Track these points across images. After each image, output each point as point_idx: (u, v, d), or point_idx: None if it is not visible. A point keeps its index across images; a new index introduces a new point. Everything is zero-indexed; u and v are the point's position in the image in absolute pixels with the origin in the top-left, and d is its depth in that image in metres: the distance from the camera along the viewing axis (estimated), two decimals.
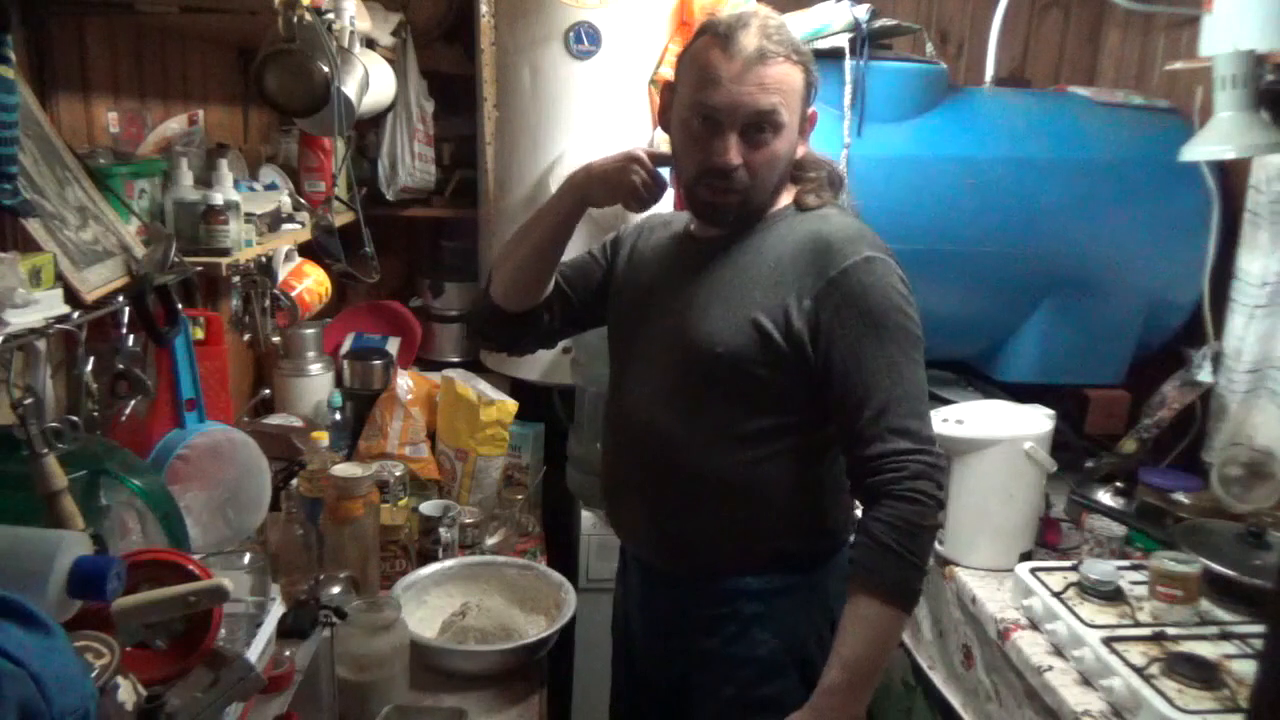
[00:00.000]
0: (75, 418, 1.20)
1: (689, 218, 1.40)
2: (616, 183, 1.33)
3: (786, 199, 1.34)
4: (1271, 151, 1.68)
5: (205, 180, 1.61)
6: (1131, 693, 1.34)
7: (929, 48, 2.31)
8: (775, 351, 1.24)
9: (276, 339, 2.10)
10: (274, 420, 2.07)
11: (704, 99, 1.23)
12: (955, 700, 1.84)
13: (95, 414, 1.31)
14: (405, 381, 2.16)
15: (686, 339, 1.29)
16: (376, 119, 2.26)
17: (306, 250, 2.04)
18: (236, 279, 1.85)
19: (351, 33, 1.78)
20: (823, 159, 1.38)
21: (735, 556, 1.32)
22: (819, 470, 1.32)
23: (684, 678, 1.39)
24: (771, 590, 1.32)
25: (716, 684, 1.35)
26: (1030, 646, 1.55)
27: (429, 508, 1.91)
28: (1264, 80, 1.66)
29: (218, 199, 1.51)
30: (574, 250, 1.46)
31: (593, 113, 2.08)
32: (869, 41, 1.98)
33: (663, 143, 1.48)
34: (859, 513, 1.28)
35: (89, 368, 1.27)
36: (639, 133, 2.08)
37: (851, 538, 1.26)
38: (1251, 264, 1.91)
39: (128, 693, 0.88)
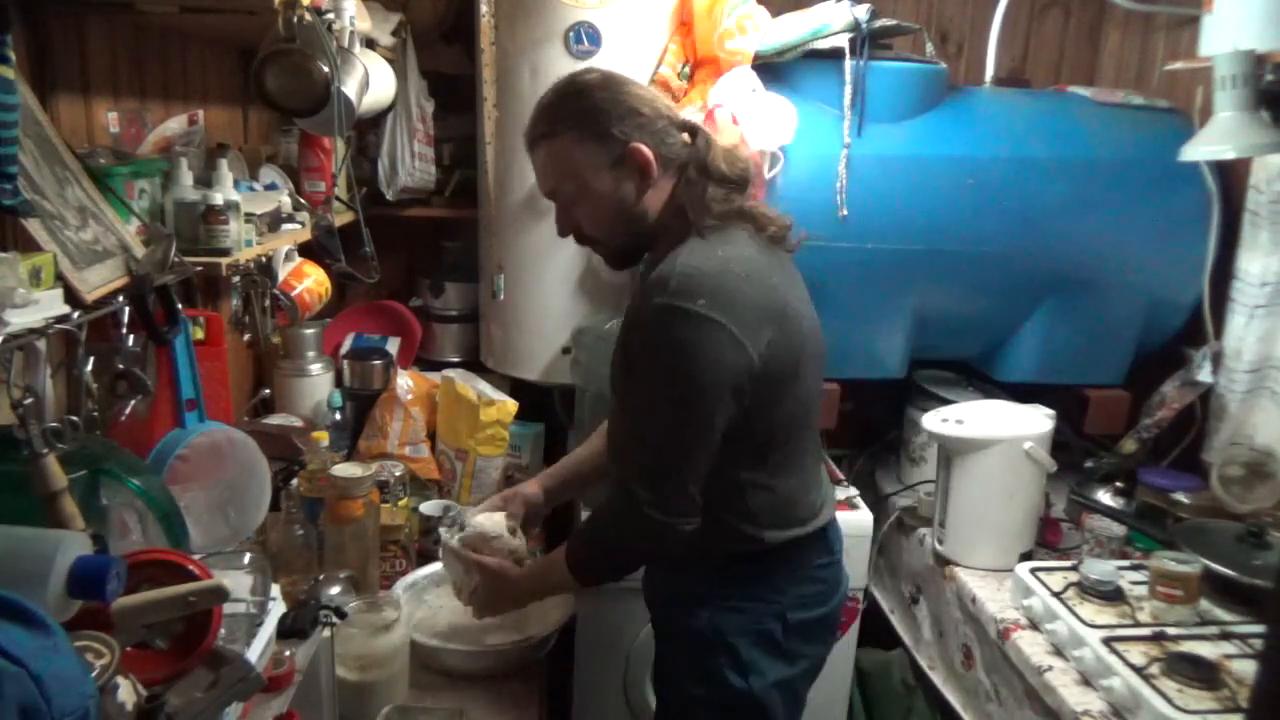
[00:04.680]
0: (75, 418, 1.20)
1: None
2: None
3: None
4: (1271, 151, 1.68)
5: (205, 180, 1.60)
6: (1131, 693, 1.34)
7: (929, 48, 2.31)
8: (617, 379, 1.39)
9: (276, 339, 2.10)
10: (274, 420, 2.07)
11: None
12: (955, 700, 1.84)
13: (95, 414, 1.31)
14: (405, 381, 2.16)
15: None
16: (376, 119, 2.26)
17: (306, 250, 2.04)
18: (236, 279, 1.84)
19: (351, 33, 1.78)
20: (726, 171, 1.35)
21: (686, 552, 1.38)
22: (727, 480, 1.34)
23: (660, 642, 1.53)
24: (717, 579, 1.41)
25: (671, 651, 1.48)
26: (1030, 646, 1.55)
27: (429, 508, 1.91)
28: (1264, 80, 1.66)
29: (218, 199, 1.51)
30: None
31: None
32: (869, 41, 1.97)
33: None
34: (810, 525, 1.42)
35: (89, 368, 1.27)
36: None
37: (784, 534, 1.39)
38: (1251, 264, 1.91)
39: (128, 693, 0.88)
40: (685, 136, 1.37)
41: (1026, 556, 1.80)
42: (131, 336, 1.36)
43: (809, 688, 1.50)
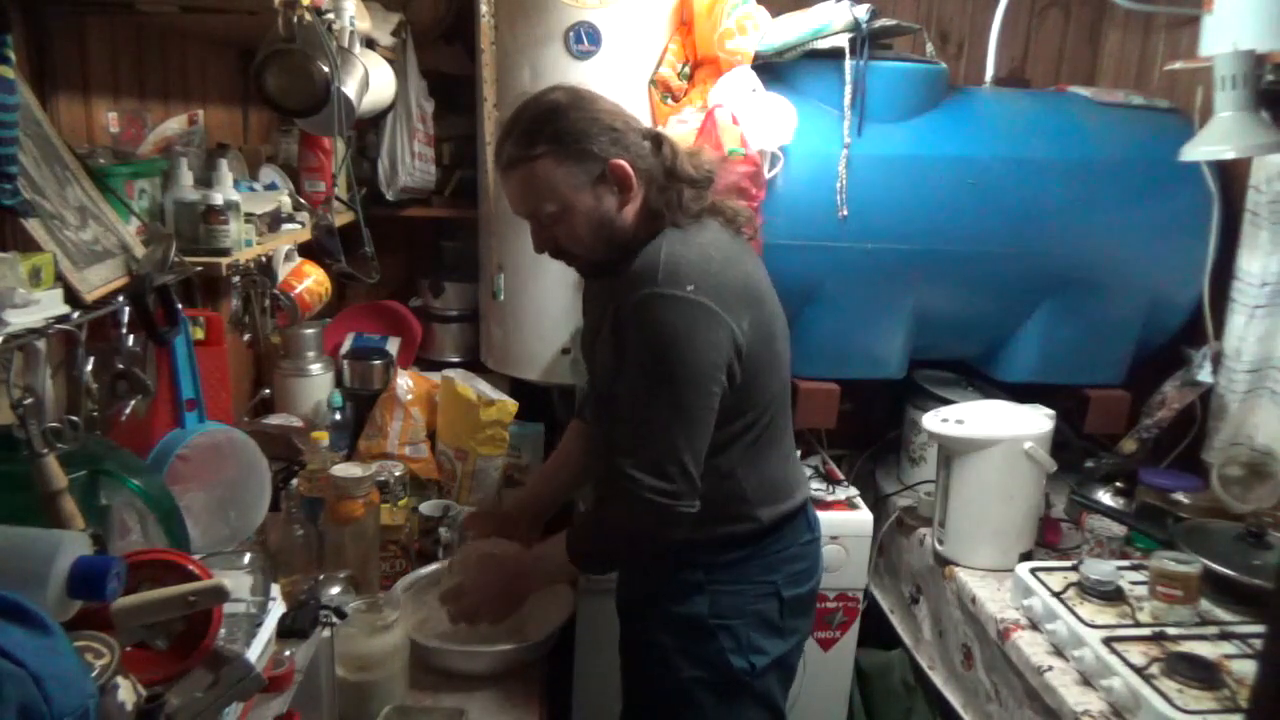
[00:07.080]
0: (75, 418, 1.20)
1: None
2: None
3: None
4: (1271, 151, 1.68)
5: (205, 180, 1.60)
6: (1131, 693, 1.34)
7: (929, 48, 2.31)
8: (603, 369, 1.41)
9: (276, 339, 2.10)
10: (274, 420, 2.07)
11: None
12: (955, 700, 1.84)
13: (95, 414, 1.31)
14: (405, 381, 2.16)
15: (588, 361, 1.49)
16: (376, 119, 2.26)
17: (306, 250, 2.04)
18: (236, 279, 1.84)
19: (351, 33, 1.78)
20: (694, 174, 1.40)
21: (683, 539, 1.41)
22: (719, 462, 1.38)
23: (642, 630, 1.53)
24: (711, 565, 1.45)
25: (665, 639, 1.48)
26: (1030, 646, 1.55)
27: (429, 508, 1.91)
28: (1264, 80, 1.66)
29: (218, 199, 1.51)
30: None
31: None
32: (869, 41, 1.97)
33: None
34: (796, 500, 1.50)
35: (89, 368, 1.27)
36: None
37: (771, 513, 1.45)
38: (1251, 264, 1.91)
39: (128, 693, 0.88)
40: (649, 145, 1.41)
41: (1026, 556, 1.80)
42: (131, 336, 1.36)
43: (799, 659, 1.58)
